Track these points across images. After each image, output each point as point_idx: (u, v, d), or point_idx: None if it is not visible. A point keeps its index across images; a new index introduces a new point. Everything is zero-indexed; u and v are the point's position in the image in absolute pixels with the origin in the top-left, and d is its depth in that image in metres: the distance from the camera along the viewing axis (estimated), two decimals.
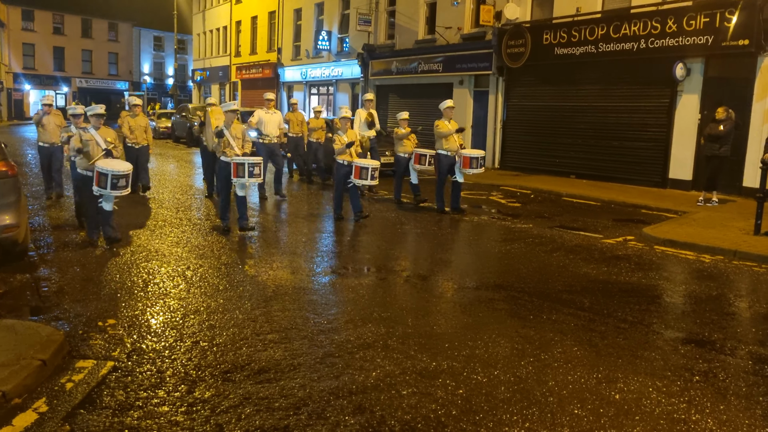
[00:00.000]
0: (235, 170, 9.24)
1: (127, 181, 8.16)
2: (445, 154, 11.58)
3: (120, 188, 8.07)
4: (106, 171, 7.96)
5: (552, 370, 4.75)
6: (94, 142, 8.40)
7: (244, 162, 9.21)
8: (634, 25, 15.50)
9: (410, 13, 23.88)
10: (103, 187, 8.00)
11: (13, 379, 4.19)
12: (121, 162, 8.44)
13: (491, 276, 7.58)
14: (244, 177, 9.25)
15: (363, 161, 10.74)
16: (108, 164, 8.08)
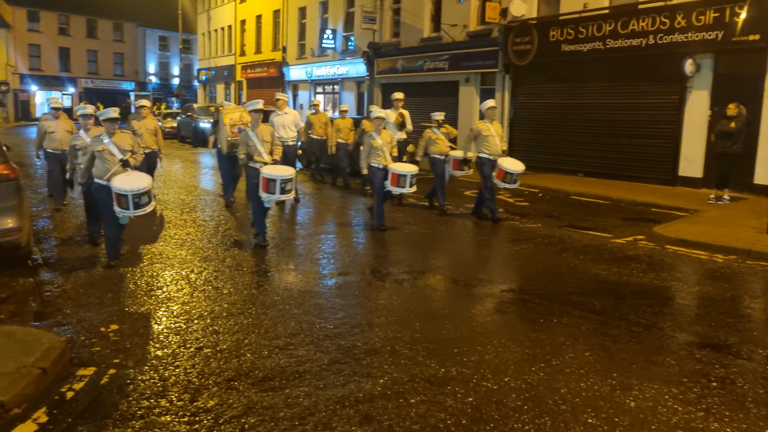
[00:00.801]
0: (265, 185, 8.18)
1: (150, 197, 7.33)
2: (487, 157, 10.59)
3: (143, 206, 7.22)
4: (125, 191, 7.09)
5: (564, 377, 4.63)
6: (108, 152, 7.37)
7: (275, 178, 8.10)
8: (643, 20, 15.31)
9: (415, 11, 23.74)
10: (125, 208, 7.17)
11: (13, 388, 4.09)
12: (140, 176, 7.45)
13: (499, 278, 7.45)
14: (275, 194, 8.20)
15: (400, 167, 9.79)
16: (125, 182, 7.16)
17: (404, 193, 10.78)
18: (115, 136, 7.53)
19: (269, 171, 8.17)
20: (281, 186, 8.14)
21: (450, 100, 21.71)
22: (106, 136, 7.47)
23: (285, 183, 8.16)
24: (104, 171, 7.32)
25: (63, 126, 11.07)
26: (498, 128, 10.79)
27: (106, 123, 7.51)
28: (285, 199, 8.49)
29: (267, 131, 8.67)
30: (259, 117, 8.60)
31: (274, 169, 8.28)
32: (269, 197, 8.29)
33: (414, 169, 9.76)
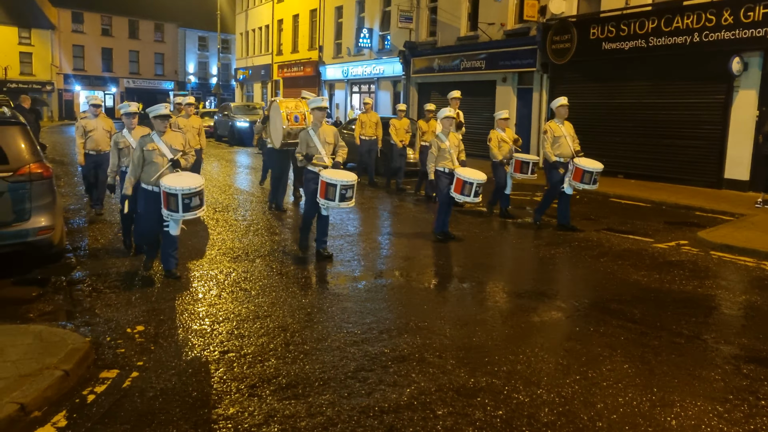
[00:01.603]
0: (324, 190, 7.51)
1: (201, 199, 6.60)
2: (558, 161, 9.81)
3: (193, 209, 6.52)
4: (174, 190, 6.38)
5: (600, 390, 4.40)
6: (157, 152, 6.76)
7: (336, 183, 7.42)
8: (687, 17, 14.82)
9: (452, 10, 23.48)
10: (173, 210, 6.45)
11: (34, 390, 4.05)
12: (191, 176, 6.75)
13: (534, 283, 7.22)
14: (334, 201, 7.49)
15: (467, 173, 8.81)
16: (176, 181, 6.51)
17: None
18: (166, 135, 6.92)
19: (329, 175, 7.52)
20: (341, 192, 7.44)
21: (486, 99, 21.41)
22: (156, 135, 6.88)
23: (345, 189, 7.47)
24: (152, 173, 6.71)
25: (102, 125, 10.48)
26: (570, 128, 9.98)
27: (156, 120, 6.89)
28: (345, 207, 7.69)
29: (330, 132, 7.97)
30: (322, 116, 7.95)
31: (335, 173, 7.61)
32: (327, 204, 7.59)
33: (482, 177, 8.78)
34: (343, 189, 7.44)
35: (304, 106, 10.17)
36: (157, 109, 6.90)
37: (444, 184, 8.98)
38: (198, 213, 6.62)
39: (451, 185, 8.88)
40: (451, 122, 9.06)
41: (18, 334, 4.97)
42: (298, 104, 10.34)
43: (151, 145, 6.78)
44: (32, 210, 6.80)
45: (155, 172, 6.69)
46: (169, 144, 6.88)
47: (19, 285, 6.68)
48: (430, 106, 13.31)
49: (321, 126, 7.89)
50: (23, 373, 4.25)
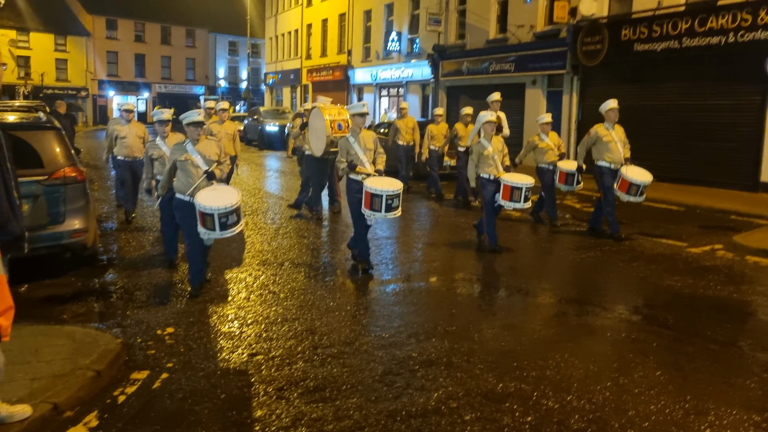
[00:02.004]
0: (369, 201, 7.10)
1: (239, 215, 6.18)
2: (607, 167, 9.27)
3: (230, 226, 6.09)
4: (210, 210, 5.97)
5: (632, 397, 4.31)
6: (191, 163, 6.33)
7: (381, 193, 6.99)
8: (722, 17, 14.53)
9: (481, 12, 23.37)
10: (210, 229, 6.08)
11: (67, 390, 4.12)
12: (227, 191, 6.28)
13: (564, 287, 7.12)
14: (380, 211, 7.06)
15: (514, 178, 8.36)
16: (211, 198, 6.06)
17: None
18: (200, 144, 6.45)
19: (373, 184, 7.07)
20: (387, 202, 7.03)
21: (516, 102, 21.24)
22: (190, 144, 6.42)
23: (391, 198, 7.05)
24: (187, 185, 6.32)
25: (135, 131, 10.27)
26: (621, 133, 9.41)
27: (189, 128, 6.42)
28: (391, 217, 7.21)
29: (370, 137, 7.53)
30: (362, 122, 7.52)
31: (379, 182, 7.18)
32: (373, 215, 7.17)
33: (530, 181, 8.35)
34: (389, 199, 7.02)
35: (346, 113, 9.87)
36: (190, 115, 6.44)
37: (490, 192, 8.48)
38: (236, 230, 6.19)
39: (497, 193, 8.41)
40: (492, 126, 8.56)
41: (52, 335, 5.06)
42: (341, 111, 10.01)
43: (184, 155, 6.35)
44: (66, 213, 6.93)
45: (189, 183, 6.30)
46: (204, 153, 6.42)
47: (53, 286, 6.80)
48: (467, 110, 12.93)
49: (360, 132, 7.49)
50: (57, 373, 4.32)
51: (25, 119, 8.31)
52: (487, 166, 8.50)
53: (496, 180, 8.42)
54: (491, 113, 8.76)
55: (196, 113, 6.47)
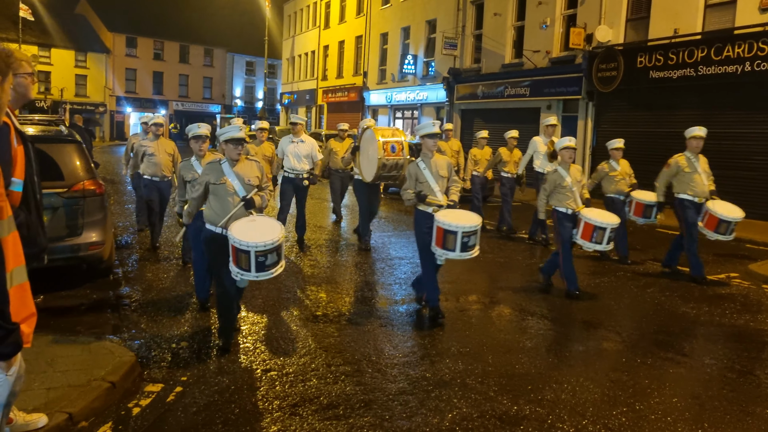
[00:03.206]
0: (441, 238, 6.10)
1: (279, 254, 5.14)
2: (691, 200, 8.40)
3: (269, 267, 5.04)
4: (247, 246, 4.93)
5: (648, 424, 4.27)
6: (227, 187, 5.33)
7: (456, 230, 5.98)
8: (738, 46, 14.56)
9: (497, 37, 23.56)
10: (244, 269, 5.03)
11: (82, 401, 4.13)
12: (268, 223, 5.22)
13: (578, 312, 7.08)
14: (454, 251, 6.06)
15: (597, 215, 7.38)
16: (248, 232, 5.02)
17: None
18: (239, 165, 5.42)
19: (446, 218, 6.08)
20: (462, 240, 6.01)
21: (530, 127, 21.26)
22: (227, 164, 5.39)
23: (468, 236, 6.03)
24: (219, 213, 5.31)
25: (164, 147, 9.20)
26: (705, 164, 8.56)
27: (227, 145, 5.37)
28: (467, 257, 6.20)
29: (443, 163, 6.49)
30: (433, 144, 6.44)
31: (454, 215, 6.17)
32: (446, 255, 6.18)
33: (616, 221, 7.41)
34: (465, 236, 6.00)
35: (402, 134, 9.17)
36: (229, 131, 5.37)
37: (567, 229, 7.49)
38: (274, 273, 5.09)
39: (574, 229, 7.49)
40: (571, 154, 7.56)
41: (67, 345, 5.09)
42: (395, 132, 9.25)
43: (220, 177, 5.35)
44: (84, 225, 6.99)
45: (223, 211, 5.29)
46: (243, 176, 5.39)
47: (69, 298, 6.84)
48: (483, 134, 12.54)
49: (432, 156, 6.46)
50: (72, 384, 4.34)
51: (47, 132, 8.45)
52: (565, 198, 7.49)
53: (574, 215, 7.47)
54: (571, 139, 7.67)
55: (237, 128, 5.39)
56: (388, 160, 8.64)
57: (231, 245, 5.05)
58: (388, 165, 8.63)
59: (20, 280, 2.43)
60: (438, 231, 6.12)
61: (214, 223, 5.32)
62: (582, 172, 7.77)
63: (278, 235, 5.01)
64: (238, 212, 5.28)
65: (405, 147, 8.78)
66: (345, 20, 37.67)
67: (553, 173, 7.56)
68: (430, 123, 6.49)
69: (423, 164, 6.39)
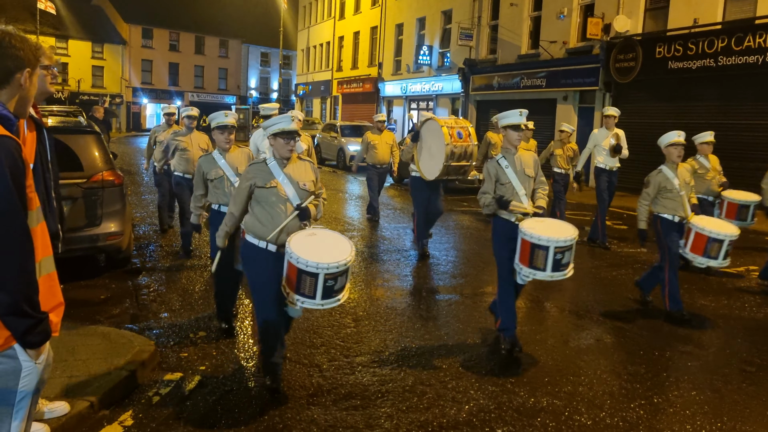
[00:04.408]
0: (527, 253, 5.01)
1: (347, 277, 4.15)
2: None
3: (336, 293, 4.08)
4: (315, 268, 3.91)
5: (667, 417, 4.25)
6: (278, 193, 4.25)
7: (547, 244, 4.86)
8: (759, 36, 14.35)
9: (513, 28, 23.39)
10: (308, 295, 4.01)
11: (103, 389, 4.17)
12: (333, 238, 4.28)
13: (595, 304, 7.05)
14: (545, 269, 4.95)
15: (713, 225, 6.34)
16: (313, 250, 4.00)
17: None
18: (291, 165, 4.35)
19: (535, 230, 4.97)
20: (555, 257, 4.90)
21: (547, 118, 21.16)
22: (276, 164, 4.31)
23: (562, 251, 4.90)
24: (267, 224, 4.25)
25: (198, 142, 8.46)
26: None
27: (277, 141, 4.26)
28: (558, 278, 5.09)
29: (530, 160, 5.39)
30: (517, 138, 5.32)
31: (543, 226, 5.05)
32: (533, 274, 5.07)
33: (736, 232, 6.27)
34: (558, 252, 4.89)
35: (466, 122, 8.45)
36: (278, 122, 4.25)
37: (675, 240, 6.42)
38: (342, 298, 4.15)
39: (682, 240, 6.46)
40: (680, 151, 6.42)
41: (88, 335, 5.14)
42: (457, 120, 8.48)
43: (271, 181, 4.26)
44: (103, 216, 7.06)
45: (272, 222, 4.25)
46: (297, 179, 4.33)
47: (89, 288, 6.92)
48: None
49: (516, 152, 5.39)
50: (93, 372, 4.39)
51: (66, 123, 8.52)
52: (672, 203, 6.42)
53: (681, 224, 6.44)
54: (678, 133, 6.48)
55: (289, 119, 4.24)
56: (456, 146, 7.88)
57: (289, 266, 4.04)
58: (457, 153, 7.84)
59: (48, 270, 2.46)
60: (524, 245, 5.03)
61: (261, 236, 4.28)
62: (691, 174, 6.73)
63: (350, 253, 4.09)
64: (291, 224, 4.28)
65: (472, 133, 8.14)
66: (360, 11, 37.56)
67: (658, 174, 6.50)
68: (516, 112, 5.36)
69: (505, 161, 5.29)
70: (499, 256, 5.43)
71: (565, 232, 4.96)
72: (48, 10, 39.81)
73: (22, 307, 2.24)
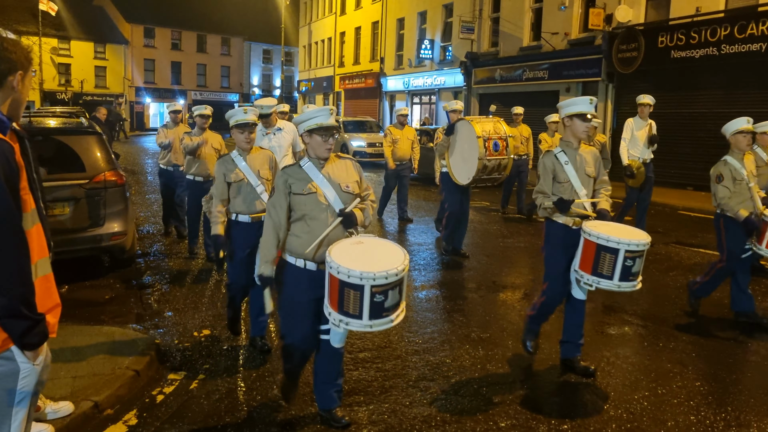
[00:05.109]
0: (590, 258, 4.35)
1: (402, 292, 3.44)
2: None
3: (388, 312, 3.37)
4: (359, 279, 3.27)
5: (671, 408, 4.24)
6: (319, 198, 3.65)
7: (618, 246, 4.19)
8: (762, 23, 14.27)
9: (515, 20, 23.31)
10: (352, 314, 3.34)
11: (107, 389, 4.20)
12: (383, 246, 3.64)
13: (599, 296, 7.01)
14: (612, 278, 4.27)
15: None
16: (358, 259, 3.37)
17: None
18: (329, 165, 3.72)
19: (602, 230, 4.33)
20: (625, 262, 4.22)
21: (549, 111, 20.94)
22: (312, 165, 3.69)
23: (633, 257, 4.23)
24: (305, 236, 3.64)
25: (210, 142, 8.01)
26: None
27: (313, 138, 3.64)
28: (627, 289, 4.36)
29: (590, 156, 4.72)
30: (584, 131, 4.60)
31: (610, 228, 4.39)
32: (596, 282, 4.37)
33: None
34: (628, 257, 4.21)
35: (503, 125, 7.67)
36: (316, 116, 3.63)
37: (740, 239, 5.90)
38: (396, 319, 3.40)
39: (756, 238, 5.84)
40: (749, 139, 5.87)
41: (92, 335, 5.16)
42: (497, 125, 7.57)
43: (309, 184, 3.64)
44: (106, 216, 7.08)
45: (310, 234, 3.61)
46: (338, 181, 3.71)
47: (93, 288, 6.94)
48: (517, 110, 11.66)
49: (579, 147, 4.70)
50: (97, 372, 4.41)
51: (68, 124, 8.54)
52: (738, 196, 5.83)
53: (750, 221, 5.71)
54: (747, 119, 5.82)
55: (327, 112, 3.66)
56: (490, 160, 7.22)
57: (331, 280, 3.36)
58: (489, 167, 7.24)
59: (45, 272, 2.47)
60: (587, 248, 4.38)
61: (297, 252, 3.66)
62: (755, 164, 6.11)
63: (402, 262, 3.36)
64: (333, 234, 3.62)
65: (509, 144, 7.51)
66: (361, 6, 37.50)
67: (724, 166, 5.85)
68: (585, 99, 4.60)
69: (565, 156, 4.63)
70: (551, 266, 4.79)
71: (637, 235, 4.32)
72: (50, 11, 39.83)
73: (19, 309, 2.26)
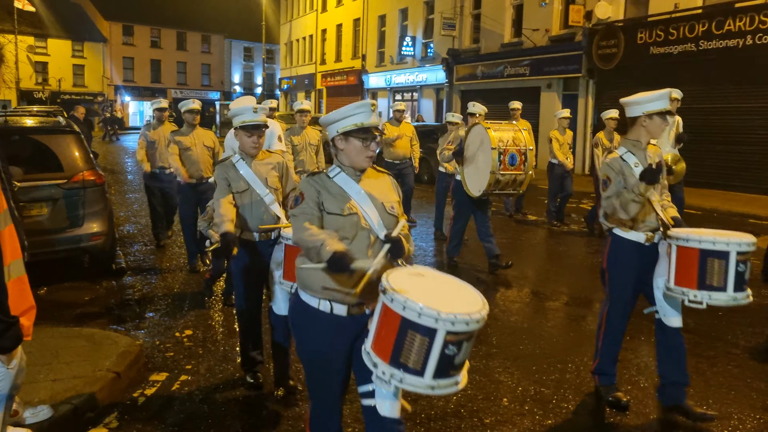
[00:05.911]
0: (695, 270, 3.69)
1: (471, 342, 2.40)
2: None
3: (456, 369, 2.40)
4: (432, 320, 2.29)
5: (653, 401, 4.28)
6: (356, 218, 2.77)
7: (728, 249, 3.60)
8: (740, 20, 14.44)
9: (496, 16, 23.37)
10: (412, 370, 2.36)
11: (87, 391, 4.13)
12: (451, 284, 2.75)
13: (580, 290, 7.07)
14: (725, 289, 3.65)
15: None
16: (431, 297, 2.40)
17: None
18: (366, 180, 2.89)
19: (700, 233, 3.69)
20: (737, 267, 3.59)
21: (531, 107, 21.16)
22: (349, 178, 2.86)
23: (744, 259, 3.60)
24: None
25: (201, 140, 7.35)
26: None
27: (350, 141, 2.82)
28: (743, 302, 3.68)
29: (658, 157, 4.09)
30: (661, 127, 3.99)
31: (701, 232, 3.76)
32: (706, 297, 3.69)
33: None
34: (740, 261, 3.59)
35: (525, 135, 6.87)
36: (354, 113, 2.80)
37: None
38: (461, 380, 2.44)
39: None
40: None
41: (71, 337, 5.09)
42: (517, 135, 6.82)
43: (348, 204, 2.79)
44: (85, 216, 6.98)
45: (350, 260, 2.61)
46: (382, 200, 2.88)
47: (73, 289, 6.85)
48: (564, 113, 10.66)
49: (645, 147, 4.06)
50: (77, 375, 4.35)
51: (45, 123, 8.42)
52: None
53: None
54: None
55: (368, 109, 2.81)
56: (504, 175, 6.55)
57: (386, 316, 2.45)
58: (503, 182, 6.58)
59: (18, 273, 2.43)
60: (685, 257, 3.69)
61: (320, 289, 2.78)
62: None
63: (483, 305, 2.46)
64: (387, 262, 2.74)
65: (528, 158, 6.74)
66: (342, 3, 37.40)
67: None
68: (666, 93, 3.95)
69: (634, 158, 3.98)
70: (617, 286, 4.18)
71: (737, 234, 3.65)
72: (26, 9, 39.28)
73: None
